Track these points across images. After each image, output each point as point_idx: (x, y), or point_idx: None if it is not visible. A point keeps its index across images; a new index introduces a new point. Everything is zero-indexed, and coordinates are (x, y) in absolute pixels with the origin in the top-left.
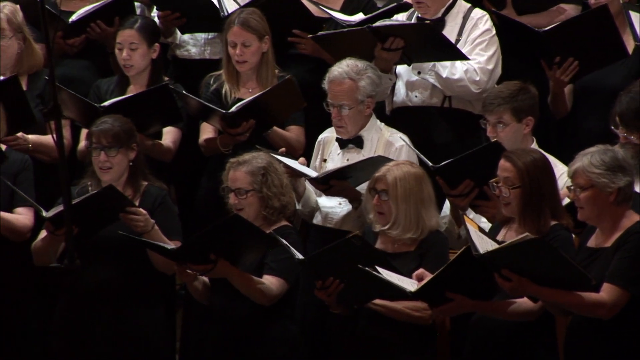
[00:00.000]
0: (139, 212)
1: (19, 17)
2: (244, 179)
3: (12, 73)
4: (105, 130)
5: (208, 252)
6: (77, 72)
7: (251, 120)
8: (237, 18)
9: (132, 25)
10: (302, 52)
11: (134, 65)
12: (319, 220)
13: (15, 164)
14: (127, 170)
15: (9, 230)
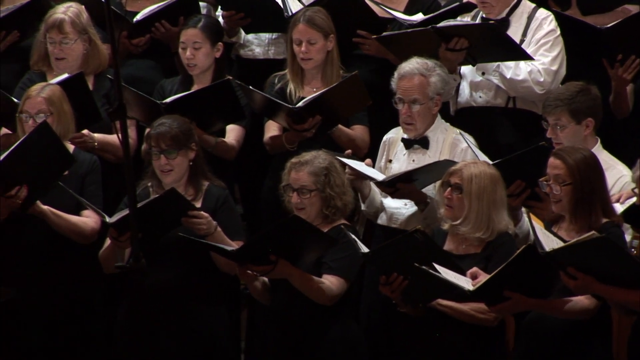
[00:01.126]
0: (201, 215)
1: (83, 19)
2: (307, 179)
3: None
4: (163, 132)
5: (268, 253)
6: (142, 72)
7: (317, 116)
8: (302, 16)
9: (195, 25)
10: (366, 53)
11: (197, 64)
12: (384, 221)
13: (83, 165)
14: (187, 171)
15: (76, 232)
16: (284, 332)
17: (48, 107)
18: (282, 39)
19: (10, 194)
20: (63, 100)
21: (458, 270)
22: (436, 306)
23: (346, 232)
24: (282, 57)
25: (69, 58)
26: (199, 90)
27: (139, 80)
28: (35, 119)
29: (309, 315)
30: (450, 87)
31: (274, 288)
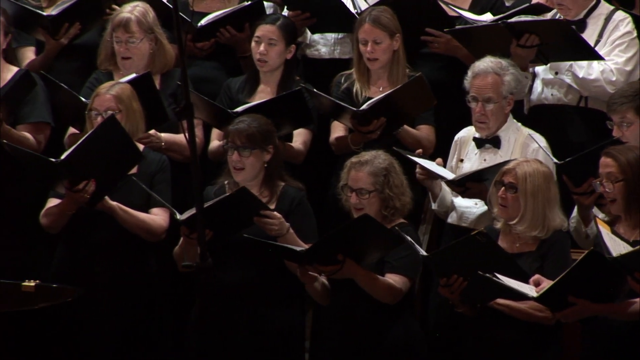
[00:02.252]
0: (274, 215)
1: (149, 18)
2: (367, 179)
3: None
4: (241, 130)
5: (336, 253)
6: (207, 72)
7: (382, 118)
8: (368, 15)
9: (274, 22)
10: (434, 51)
11: (268, 61)
12: (454, 220)
13: (153, 164)
14: (262, 172)
15: (145, 230)
16: (346, 332)
17: (117, 105)
18: (347, 38)
19: (77, 188)
20: (132, 99)
21: (519, 270)
22: (494, 305)
23: (408, 230)
24: (347, 56)
25: (135, 57)
26: (269, 100)
27: (204, 81)
28: (104, 116)
29: (371, 315)
30: (522, 85)
31: (335, 289)
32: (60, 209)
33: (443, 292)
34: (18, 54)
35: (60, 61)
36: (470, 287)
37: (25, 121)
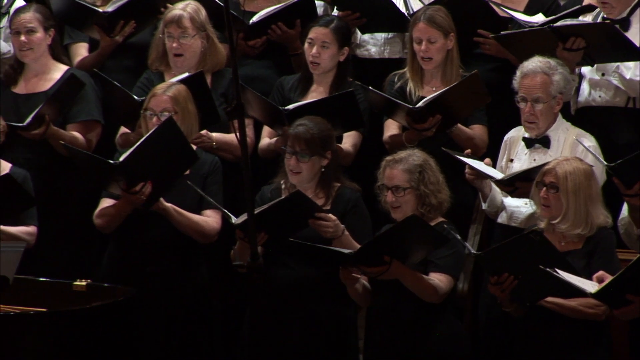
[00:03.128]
0: (328, 217)
1: (202, 16)
2: (401, 176)
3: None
4: (300, 135)
5: (383, 254)
6: (259, 71)
7: (437, 116)
8: (423, 14)
9: (327, 24)
10: (485, 52)
11: (320, 63)
12: (504, 219)
13: (205, 166)
14: (318, 174)
15: (198, 232)
16: (391, 333)
17: (173, 106)
18: (397, 38)
19: (134, 190)
20: (188, 100)
21: (570, 268)
22: (543, 303)
23: (450, 229)
24: (397, 56)
25: (186, 54)
26: (322, 99)
27: (256, 79)
28: (160, 116)
29: (415, 314)
30: (571, 86)
31: (377, 289)
32: (115, 210)
33: (493, 290)
34: (70, 50)
35: (111, 60)
36: (522, 285)
37: (74, 120)
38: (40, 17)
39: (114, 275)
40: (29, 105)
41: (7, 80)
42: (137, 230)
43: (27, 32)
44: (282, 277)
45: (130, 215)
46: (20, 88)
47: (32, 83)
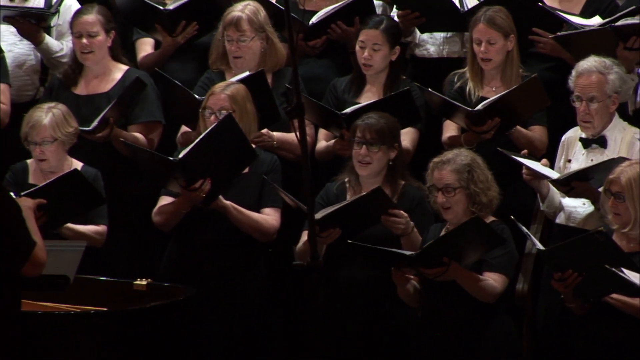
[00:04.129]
0: (401, 214)
1: (260, 17)
2: (450, 177)
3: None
4: (371, 124)
5: (442, 256)
6: (318, 70)
7: (496, 118)
8: (483, 15)
9: (377, 26)
10: (540, 52)
11: (373, 65)
12: (562, 220)
13: (264, 165)
14: (385, 169)
15: (257, 230)
16: (443, 332)
17: (231, 105)
18: (456, 37)
19: (194, 187)
20: (247, 99)
21: (635, 269)
22: (608, 300)
23: (503, 229)
24: (456, 55)
25: (246, 56)
26: (379, 100)
27: (315, 79)
28: (218, 115)
29: (468, 314)
30: (628, 87)
31: (429, 289)
32: (175, 208)
33: (557, 286)
34: (136, 45)
35: (173, 59)
36: (586, 282)
37: (136, 121)
38: (103, 20)
39: (173, 274)
40: (90, 106)
41: (67, 80)
42: (196, 228)
43: (88, 36)
44: (347, 275)
45: (189, 214)
46: (80, 89)
47: (92, 84)
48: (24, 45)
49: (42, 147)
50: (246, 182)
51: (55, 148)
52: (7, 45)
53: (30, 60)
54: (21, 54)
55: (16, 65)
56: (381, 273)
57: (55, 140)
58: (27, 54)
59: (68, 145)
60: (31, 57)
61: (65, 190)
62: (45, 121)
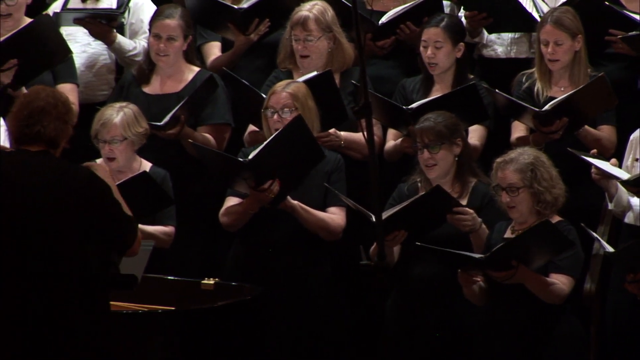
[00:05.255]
0: (466, 211)
1: (328, 17)
2: (514, 176)
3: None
4: (427, 128)
5: (511, 259)
6: (384, 71)
7: (564, 119)
8: (550, 16)
9: (438, 24)
10: (618, 52)
11: (437, 63)
12: (630, 219)
13: (329, 163)
14: (453, 167)
15: (324, 229)
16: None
17: (293, 103)
18: (524, 38)
19: (263, 187)
20: (308, 97)
21: None
22: None
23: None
24: (523, 56)
25: (313, 55)
26: (443, 95)
27: (382, 80)
28: (280, 114)
29: (536, 314)
30: None
31: (495, 289)
32: (243, 208)
33: (630, 288)
34: (203, 49)
35: (243, 59)
36: None
37: (206, 122)
38: (184, 25)
39: (239, 273)
40: (161, 105)
41: (140, 78)
42: (262, 228)
43: (167, 39)
44: (418, 273)
45: (254, 214)
46: (151, 88)
47: (164, 84)
48: (98, 45)
49: (112, 145)
50: (311, 181)
51: (125, 147)
52: (81, 46)
53: (104, 59)
54: (95, 53)
55: (90, 65)
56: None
57: (124, 140)
58: (101, 53)
59: (137, 145)
60: (105, 56)
61: (135, 191)
62: (116, 120)
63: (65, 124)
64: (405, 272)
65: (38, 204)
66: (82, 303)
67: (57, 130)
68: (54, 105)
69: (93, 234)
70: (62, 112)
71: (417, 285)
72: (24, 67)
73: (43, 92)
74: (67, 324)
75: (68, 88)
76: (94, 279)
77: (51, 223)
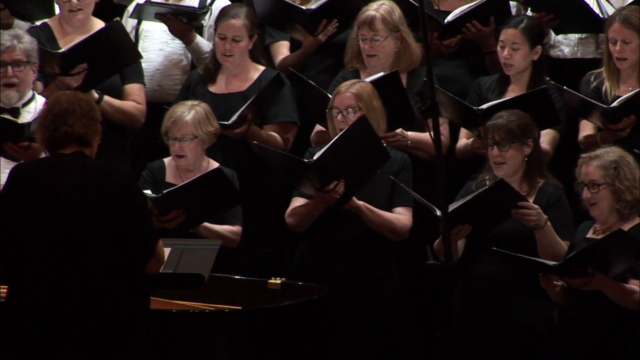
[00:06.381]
0: (531, 206)
1: (395, 16)
2: (596, 172)
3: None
4: (499, 125)
5: (586, 266)
6: (451, 71)
7: (632, 116)
8: (618, 15)
9: (516, 25)
10: None
11: (514, 65)
12: None
13: (395, 164)
14: (522, 166)
15: (390, 229)
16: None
17: (357, 103)
18: (591, 38)
19: (328, 188)
20: (373, 97)
21: None
22: None
23: None
24: (590, 56)
25: (380, 55)
26: (515, 97)
27: (448, 80)
28: (344, 114)
29: (613, 318)
30: None
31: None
32: (308, 209)
33: None
34: (272, 48)
35: (311, 58)
36: None
37: (272, 121)
38: (249, 25)
39: (305, 273)
40: (226, 104)
41: (205, 77)
42: (327, 228)
43: (232, 40)
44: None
45: (322, 215)
46: (217, 87)
47: (229, 83)
48: (175, 44)
49: (182, 143)
50: (377, 181)
51: (195, 145)
52: (158, 44)
53: (180, 59)
54: (172, 52)
55: (166, 63)
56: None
57: (195, 138)
58: (177, 53)
59: (207, 144)
60: (182, 56)
61: (206, 189)
62: (188, 118)
63: (92, 120)
64: (469, 270)
65: (74, 205)
66: (117, 303)
67: (84, 128)
68: (77, 104)
69: (120, 236)
70: (86, 110)
71: (479, 283)
72: (93, 70)
73: (63, 96)
74: (102, 323)
75: (136, 88)
76: (128, 280)
77: (87, 223)
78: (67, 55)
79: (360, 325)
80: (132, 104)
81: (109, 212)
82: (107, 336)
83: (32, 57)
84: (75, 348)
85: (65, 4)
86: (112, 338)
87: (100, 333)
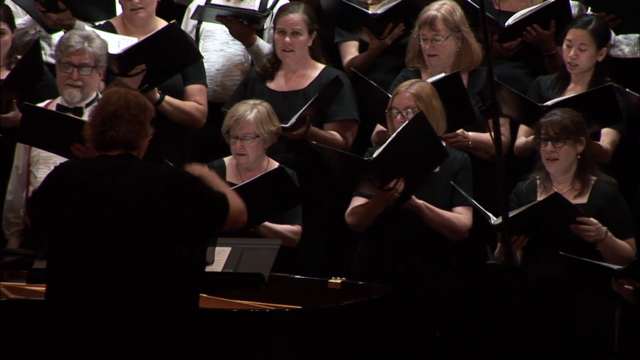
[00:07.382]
0: (590, 221)
1: (456, 16)
2: None
3: (452, 71)
4: (554, 122)
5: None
6: (511, 71)
7: None
8: None
9: (585, 26)
10: None
11: (578, 65)
12: None
13: (455, 163)
14: (575, 164)
15: (450, 229)
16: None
17: (416, 103)
18: None
19: (388, 187)
20: (432, 97)
21: None
22: None
23: None
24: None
25: (440, 55)
26: (579, 94)
27: (508, 80)
28: (404, 114)
29: None
30: None
31: None
32: (368, 208)
33: None
34: (341, 48)
35: (379, 59)
36: None
37: (332, 119)
38: (307, 20)
39: (365, 273)
40: (286, 103)
41: (264, 74)
42: (387, 227)
43: (292, 34)
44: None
45: (381, 213)
46: (276, 85)
47: (289, 81)
48: (236, 46)
49: (243, 142)
50: (437, 180)
51: (256, 145)
52: (219, 44)
53: (240, 60)
54: (233, 53)
55: (227, 64)
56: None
57: (256, 137)
58: (238, 54)
59: (268, 143)
60: (242, 57)
61: (269, 188)
62: (250, 116)
63: (141, 124)
64: (526, 272)
65: (119, 207)
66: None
67: (131, 133)
68: (126, 107)
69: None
70: (135, 114)
71: (538, 285)
72: (152, 71)
73: (114, 96)
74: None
75: (197, 89)
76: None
77: (134, 225)
78: (122, 57)
79: (420, 324)
80: (193, 105)
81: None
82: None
83: (100, 61)
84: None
85: (127, 3)
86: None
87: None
